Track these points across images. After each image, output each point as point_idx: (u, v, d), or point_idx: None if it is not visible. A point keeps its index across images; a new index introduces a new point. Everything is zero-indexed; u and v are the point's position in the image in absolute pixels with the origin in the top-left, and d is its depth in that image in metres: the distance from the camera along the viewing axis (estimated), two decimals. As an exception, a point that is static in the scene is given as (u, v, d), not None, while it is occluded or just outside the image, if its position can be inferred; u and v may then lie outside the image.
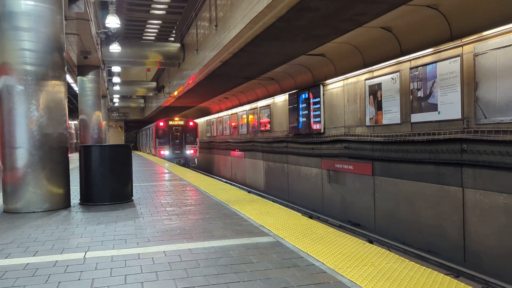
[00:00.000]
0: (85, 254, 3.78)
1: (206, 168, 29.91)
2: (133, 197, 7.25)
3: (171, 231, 4.63)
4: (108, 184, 6.67)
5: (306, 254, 3.61)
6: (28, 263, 3.52)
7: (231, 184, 18.16)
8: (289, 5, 7.67)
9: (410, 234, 9.37)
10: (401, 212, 9.72)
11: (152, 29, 27.46)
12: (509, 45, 6.92)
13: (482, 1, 7.32)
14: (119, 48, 16.38)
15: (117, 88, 29.94)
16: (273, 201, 11.88)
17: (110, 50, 16.61)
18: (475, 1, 7.44)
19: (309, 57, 12.73)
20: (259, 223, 4.97)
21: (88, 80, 18.26)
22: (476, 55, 7.53)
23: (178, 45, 18.96)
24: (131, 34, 27.65)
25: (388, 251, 3.70)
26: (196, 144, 27.70)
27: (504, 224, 7.14)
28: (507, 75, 6.99)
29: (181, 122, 27.83)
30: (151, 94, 32.24)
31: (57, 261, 3.58)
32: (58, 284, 3.00)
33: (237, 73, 15.55)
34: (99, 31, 15.40)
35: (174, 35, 26.34)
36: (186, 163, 26.16)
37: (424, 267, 3.25)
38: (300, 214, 5.48)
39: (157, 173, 12.77)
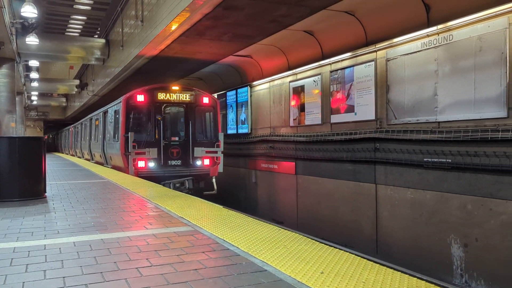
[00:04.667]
0: (-16, 247, 3.49)
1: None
2: (46, 194, 6.82)
3: (84, 224, 4.43)
4: (17, 179, 6.21)
5: (222, 240, 3.65)
6: None
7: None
8: (214, 3, 7.73)
9: (330, 229, 9.80)
10: (321, 209, 10.14)
11: (76, 24, 26.13)
12: (415, 52, 7.56)
13: (392, 10, 7.92)
14: (37, 40, 15.33)
15: (35, 84, 27.98)
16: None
17: (27, 42, 15.49)
18: (387, 10, 8.03)
19: (237, 58, 12.88)
20: (179, 215, 4.91)
21: (1, 74, 16.86)
22: (388, 60, 8.12)
23: (103, 41, 18.20)
24: (52, 28, 26.09)
25: (302, 236, 3.85)
26: (218, 147, 12.50)
27: (411, 218, 7.74)
28: (413, 79, 7.63)
29: (185, 96, 12.60)
30: (74, 92, 30.56)
31: (-51, 254, 3.27)
32: None
33: (165, 71, 15.27)
34: (14, 20, 14.31)
35: (99, 32, 25.28)
36: (195, 187, 12.08)
37: (332, 248, 3.43)
38: (222, 206, 5.51)
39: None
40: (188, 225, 4.33)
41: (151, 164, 11.72)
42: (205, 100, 12.77)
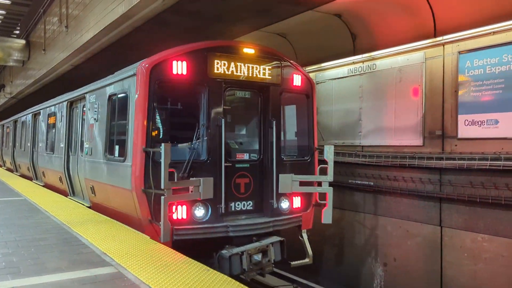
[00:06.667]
0: None
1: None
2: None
3: (-6, 266, 4.05)
4: None
5: (148, 287, 3.52)
6: None
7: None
8: (146, 17, 7.51)
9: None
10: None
11: (-8, 19, 24.06)
12: (342, 77, 7.90)
13: (321, 35, 8.23)
14: None
15: None
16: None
17: None
18: (316, 34, 8.32)
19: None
20: (101, 250, 4.66)
21: None
22: (317, 83, 8.40)
23: (23, 41, 16.97)
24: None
25: (230, 278, 3.81)
26: (321, 173, 6.31)
27: (337, 238, 8.04)
28: (339, 103, 7.96)
29: (265, 71, 6.20)
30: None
31: None
32: None
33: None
34: None
35: (19, 29, 23.47)
36: (276, 257, 6.06)
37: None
38: (149, 238, 5.32)
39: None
40: (111, 264, 4.13)
41: (200, 213, 5.83)
42: (297, 80, 6.64)
